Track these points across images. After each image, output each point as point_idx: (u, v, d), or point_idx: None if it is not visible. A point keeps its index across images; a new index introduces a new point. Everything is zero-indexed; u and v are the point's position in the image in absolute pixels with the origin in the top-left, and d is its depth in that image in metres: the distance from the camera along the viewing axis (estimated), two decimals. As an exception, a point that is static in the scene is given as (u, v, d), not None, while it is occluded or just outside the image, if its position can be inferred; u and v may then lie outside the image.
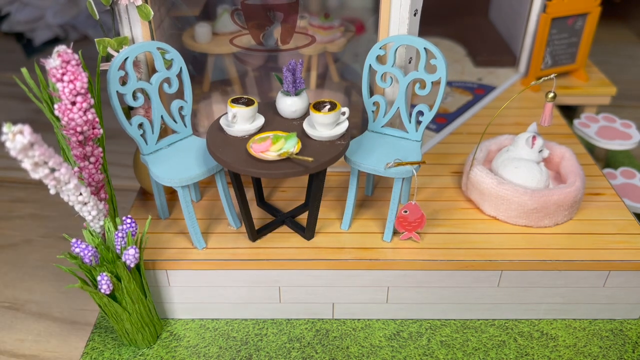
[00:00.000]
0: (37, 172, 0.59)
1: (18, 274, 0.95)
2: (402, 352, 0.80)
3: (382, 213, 0.88)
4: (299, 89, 0.79)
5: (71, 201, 0.67)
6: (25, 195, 1.14)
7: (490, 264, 0.80)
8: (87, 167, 0.71)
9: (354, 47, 0.98)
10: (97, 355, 0.79)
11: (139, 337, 0.78)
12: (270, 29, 0.90)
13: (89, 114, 0.68)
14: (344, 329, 0.84)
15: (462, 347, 0.81)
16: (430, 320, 0.85)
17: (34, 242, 1.03)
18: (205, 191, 0.94)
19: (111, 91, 0.74)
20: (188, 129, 0.84)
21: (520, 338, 0.82)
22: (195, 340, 0.81)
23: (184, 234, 0.84)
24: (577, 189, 0.85)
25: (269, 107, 0.83)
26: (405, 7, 0.80)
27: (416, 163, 0.77)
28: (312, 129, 0.76)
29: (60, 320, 0.87)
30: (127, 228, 0.71)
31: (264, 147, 0.72)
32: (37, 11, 1.68)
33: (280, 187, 0.95)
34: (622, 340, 0.82)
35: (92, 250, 0.69)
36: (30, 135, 0.55)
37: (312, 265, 0.80)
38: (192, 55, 0.95)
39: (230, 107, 0.75)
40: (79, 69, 0.65)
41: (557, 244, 0.82)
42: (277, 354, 0.79)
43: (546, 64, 1.27)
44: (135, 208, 0.91)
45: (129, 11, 0.79)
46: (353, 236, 0.84)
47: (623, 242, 0.83)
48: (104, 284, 0.70)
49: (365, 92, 0.84)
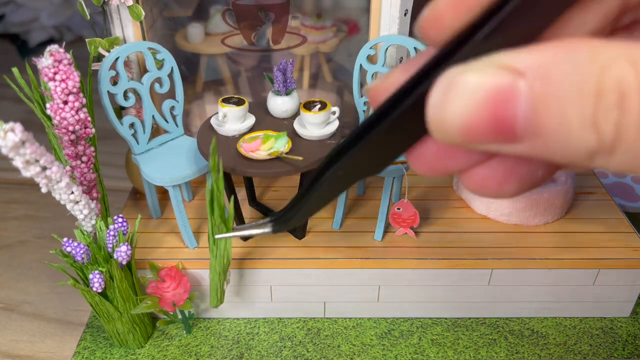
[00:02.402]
0: (29, 170, 0.59)
1: (13, 275, 0.96)
2: (393, 350, 0.80)
3: (374, 212, 0.89)
4: (290, 89, 0.79)
5: (63, 200, 0.67)
6: (20, 196, 1.14)
7: (481, 262, 0.80)
8: (79, 166, 0.71)
9: (346, 47, 0.98)
10: (89, 355, 0.80)
11: (130, 337, 0.78)
12: (262, 29, 0.91)
13: (81, 113, 0.68)
14: (335, 327, 0.84)
15: (453, 345, 0.81)
16: (421, 319, 0.86)
17: (28, 242, 1.03)
18: (197, 191, 0.95)
19: (102, 91, 0.74)
20: (179, 128, 0.85)
21: (511, 336, 0.83)
22: (187, 340, 0.82)
23: (175, 233, 0.85)
24: (567, 188, 0.86)
25: (260, 106, 0.83)
26: (396, 7, 0.81)
27: (406, 162, 0.78)
28: (302, 129, 0.76)
29: (55, 320, 0.87)
30: (119, 227, 0.71)
31: (254, 147, 0.72)
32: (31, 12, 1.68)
33: (272, 187, 0.96)
34: (612, 338, 0.83)
35: (84, 249, 0.70)
36: (22, 133, 0.56)
37: (303, 264, 0.80)
38: (184, 55, 0.96)
39: (221, 106, 0.75)
40: (71, 68, 0.65)
41: (547, 243, 0.83)
42: (268, 353, 0.80)
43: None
44: (128, 208, 0.91)
45: (120, 11, 0.79)
46: (344, 235, 0.85)
47: (613, 241, 0.83)
48: (95, 282, 0.70)
49: (356, 91, 0.85)
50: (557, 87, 0.17)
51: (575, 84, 0.16)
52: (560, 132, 0.17)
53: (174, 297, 0.78)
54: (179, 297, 0.78)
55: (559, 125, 0.17)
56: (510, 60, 0.17)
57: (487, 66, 0.18)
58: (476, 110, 0.17)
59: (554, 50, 0.17)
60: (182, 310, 0.80)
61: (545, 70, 0.17)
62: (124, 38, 0.82)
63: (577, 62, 0.17)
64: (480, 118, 0.17)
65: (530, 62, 0.17)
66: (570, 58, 0.17)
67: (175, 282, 0.78)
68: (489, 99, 0.17)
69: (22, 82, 0.71)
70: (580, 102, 0.16)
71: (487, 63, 0.18)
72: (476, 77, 0.17)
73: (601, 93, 0.16)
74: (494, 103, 0.17)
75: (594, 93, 0.16)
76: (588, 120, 0.16)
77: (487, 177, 0.20)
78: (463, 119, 0.18)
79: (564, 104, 0.17)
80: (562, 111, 0.17)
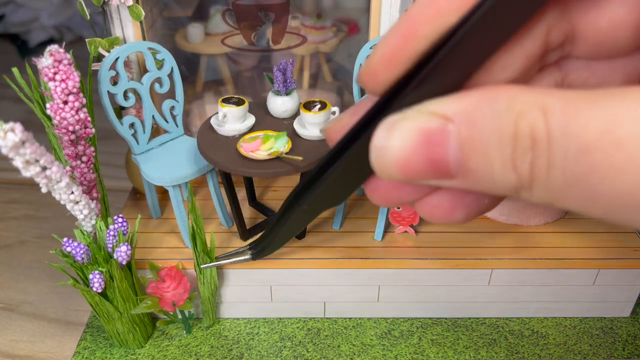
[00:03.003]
0: (29, 170, 0.59)
1: (12, 275, 0.96)
2: (393, 350, 0.81)
3: (373, 212, 0.89)
4: (290, 89, 0.79)
5: (63, 200, 0.67)
6: (20, 196, 1.14)
7: (481, 262, 0.80)
8: (79, 166, 0.71)
9: (346, 47, 0.98)
10: (89, 355, 0.80)
11: (130, 337, 0.78)
12: (262, 29, 0.91)
13: (81, 113, 0.68)
14: (335, 327, 0.84)
15: (453, 345, 0.81)
16: (421, 319, 0.86)
17: (28, 242, 1.03)
18: (197, 191, 0.95)
19: (102, 91, 0.74)
20: (179, 128, 0.85)
21: (511, 336, 0.83)
22: (187, 340, 0.82)
23: (175, 233, 0.85)
24: (567, 188, 0.86)
25: (260, 106, 0.83)
26: (396, 7, 0.81)
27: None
28: (302, 129, 0.76)
29: (55, 320, 0.87)
30: (119, 227, 0.71)
31: (254, 147, 0.72)
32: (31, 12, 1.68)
33: (272, 187, 0.96)
34: (612, 338, 0.83)
35: (84, 249, 0.70)
36: (22, 133, 0.56)
37: (303, 264, 0.80)
38: (184, 55, 0.96)
39: (221, 106, 0.75)
40: (71, 68, 0.65)
41: (547, 243, 0.83)
42: (268, 353, 0.80)
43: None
44: (128, 208, 0.91)
45: (120, 11, 0.79)
46: (344, 235, 0.85)
47: (613, 241, 0.83)
48: (95, 282, 0.70)
49: (356, 91, 0.85)
50: (481, 132, 0.19)
51: (495, 130, 0.19)
52: (486, 172, 0.19)
53: (174, 297, 0.78)
54: (179, 297, 0.78)
55: (484, 166, 0.19)
56: (439, 107, 0.20)
57: (420, 113, 0.20)
58: (412, 151, 0.20)
59: (478, 97, 0.19)
60: (182, 310, 0.80)
61: (470, 117, 0.19)
62: (124, 38, 0.82)
63: (497, 109, 0.19)
64: (416, 157, 0.20)
65: (457, 109, 0.19)
66: (491, 106, 0.19)
67: (175, 282, 0.78)
68: (422, 142, 0.20)
69: (22, 82, 0.71)
70: (500, 145, 0.19)
71: (420, 110, 0.20)
72: (410, 123, 0.20)
73: (517, 138, 0.18)
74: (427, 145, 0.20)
75: (511, 138, 0.18)
76: (508, 162, 0.19)
77: (436, 206, 0.22)
78: (400, 159, 0.20)
79: (487, 147, 0.19)
80: (486, 153, 0.19)
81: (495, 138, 0.19)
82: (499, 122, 0.19)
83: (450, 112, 0.19)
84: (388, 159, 0.20)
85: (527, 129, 0.18)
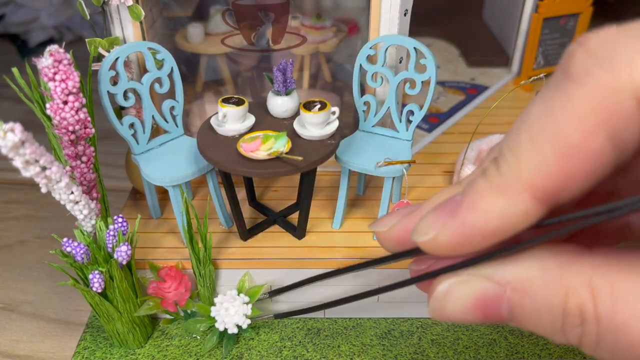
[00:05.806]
0: (28, 170, 0.59)
1: (12, 275, 0.96)
2: (393, 350, 0.81)
3: (374, 212, 0.89)
4: (290, 89, 0.79)
5: (62, 200, 0.67)
6: (20, 196, 1.14)
7: (481, 262, 0.80)
8: (78, 166, 0.72)
9: (346, 47, 0.98)
10: (89, 355, 0.80)
11: (129, 337, 0.78)
12: (262, 29, 0.91)
13: (80, 113, 0.68)
14: (335, 327, 0.84)
15: (453, 345, 0.81)
16: (421, 319, 0.86)
17: (28, 243, 1.03)
18: (197, 191, 0.95)
19: (102, 91, 0.75)
20: (179, 128, 0.85)
21: (511, 336, 0.83)
22: (187, 339, 0.82)
23: (175, 233, 0.85)
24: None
25: (260, 106, 0.83)
26: (396, 7, 0.81)
27: (406, 162, 0.78)
28: (302, 129, 0.76)
29: (55, 320, 0.87)
30: (118, 227, 0.71)
31: (254, 147, 0.72)
32: (31, 12, 1.68)
33: (272, 187, 0.96)
34: (612, 338, 0.83)
35: (84, 249, 0.70)
36: (22, 133, 0.56)
37: (303, 264, 0.80)
38: (184, 55, 0.96)
39: (221, 106, 0.75)
40: (71, 69, 0.65)
41: (547, 243, 0.83)
42: (268, 353, 0.80)
43: (538, 64, 1.28)
44: (128, 208, 0.92)
45: (120, 11, 0.79)
46: (344, 235, 0.85)
47: (613, 241, 0.83)
48: (95, 282, 0.70)
49: (356, 91, 0.85)
50: (533, 300, 0.22)
51: (547, 301, 0.22)
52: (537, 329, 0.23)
53: (175, 297, 0.78)
54: (180, 296, 0.78)
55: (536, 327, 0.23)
56: (494, 273, 0.23)
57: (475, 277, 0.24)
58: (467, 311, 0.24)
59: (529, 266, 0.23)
60: (184, 310, 0.80)
61: (523, 285, 0.22)
62: (124, 38, 0.82)
63: (548, 281, 0.22)
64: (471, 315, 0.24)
65: (511, 276, 0.23)
66: (542, 277, 0.22)
67: (176, 281, 0.78)
68: (478, 305, 0.24)
69: (22, 82, 0.71)
70: (551, 315, 0.22)
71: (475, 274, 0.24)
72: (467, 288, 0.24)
73: (567, 314, 0.21)
74: (482, 307, 0.23)
75: (561, 312, 0.21)
76: (558, 329, 0.22)
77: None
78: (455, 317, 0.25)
79: (539, 314, 0.22)
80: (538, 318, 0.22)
81: (546, 308, 0.22)
82: (550, 294, 0.21)
83: (504, 279, 0.23)
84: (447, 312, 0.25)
85: (576, 308, 0.21)
